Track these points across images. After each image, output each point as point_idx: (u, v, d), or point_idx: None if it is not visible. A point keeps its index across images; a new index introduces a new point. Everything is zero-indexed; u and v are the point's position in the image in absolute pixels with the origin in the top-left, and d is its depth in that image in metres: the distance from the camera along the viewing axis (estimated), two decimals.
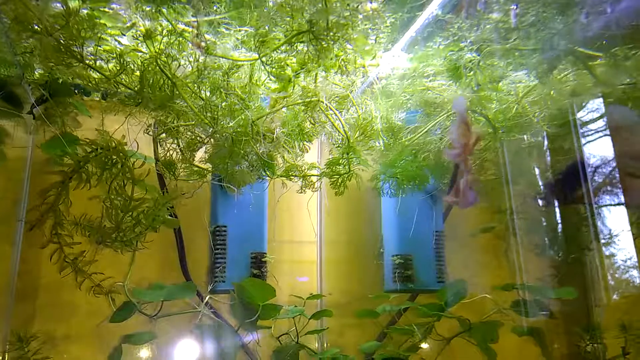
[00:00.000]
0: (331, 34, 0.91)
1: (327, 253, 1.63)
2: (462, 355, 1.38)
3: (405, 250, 1.50)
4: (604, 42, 0.85)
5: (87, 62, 1.16)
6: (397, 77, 1.26)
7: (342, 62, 1.07)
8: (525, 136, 1.32)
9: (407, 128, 1.24)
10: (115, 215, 1.20)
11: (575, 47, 0.89)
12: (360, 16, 0.91)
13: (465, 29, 0.98)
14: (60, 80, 1.14)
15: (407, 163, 1.23)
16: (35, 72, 1.21)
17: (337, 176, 1.26)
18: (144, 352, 1.36)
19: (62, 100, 1.27)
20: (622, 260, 1.37)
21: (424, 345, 1.34)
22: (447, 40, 1.05)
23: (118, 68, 1.13)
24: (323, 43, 0.94)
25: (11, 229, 1.32)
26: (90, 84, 1.21)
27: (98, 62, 1.19)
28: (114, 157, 1.20)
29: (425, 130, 1.19)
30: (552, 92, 1.09)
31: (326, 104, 1.14)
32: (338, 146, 1.20)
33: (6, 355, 1.22)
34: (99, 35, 1.13)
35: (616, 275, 1.39)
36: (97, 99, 1.35)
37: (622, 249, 1.38)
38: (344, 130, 1.15)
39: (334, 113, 1.16)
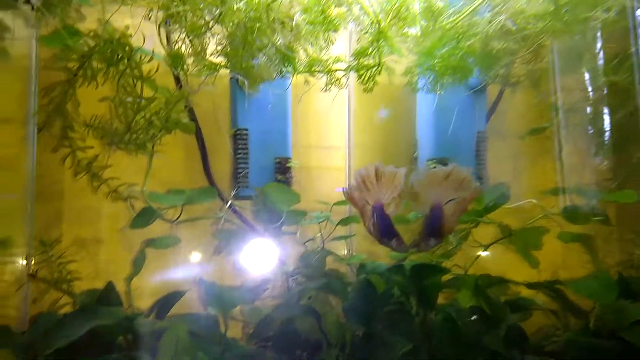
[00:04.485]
0: None
1: (356, 159, 1.53)
2: (503, 263, 1.30)
3: (441, 153, 1.38)
4: None
5: None
6: None
7: None
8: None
9: (450, 9, 1.05)
10: (125, 115, 1.12)
11: None
12: None
13: None
14: None
15: (448, 51, 1.06)
16: None
17: (366, 70, 1.11)
18: (169, 256, 1.34)
19: None
20: None
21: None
22: None
23: None
24: None
25: (21, 130, 1.26)
26: None
27: None
28: (119, 51, 1.09)
29: (473, 9, 1.00)
30: None
31: None
32: (366, 32, 1.04)
33: (31, 260, 1.21)
34: None
35: None
36: None
37: None
38: (374, 10, 0.98)
39: None
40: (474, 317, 1.09)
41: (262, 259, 1.24)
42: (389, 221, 0.95)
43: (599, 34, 1.15)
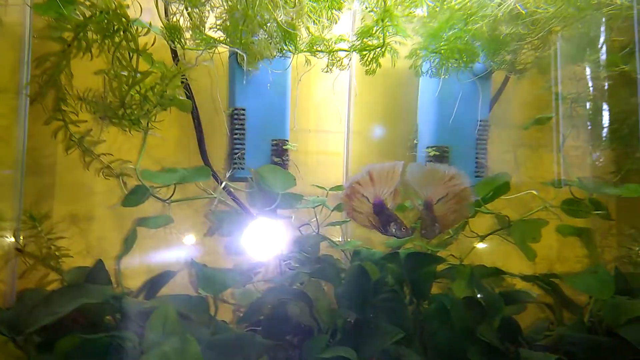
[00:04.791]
0: None
1: (355, 144, 1.50)
2: (497, 254, 1.29)
3: (441, 141, 1.35)
4: None
5: None
6: None
7: None
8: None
9: None
10: (119, 89, 1.09)
11: None
12: None
13: None
14: None
15: (455, 34, 1.03)
16: None
17: (369, 51, 1.07)
18: (161, 236, 1.32)
19: None
20: None
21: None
22: None
23: None
24: None
25: (13, 100, 1.22)
26: None
27: None
28: (115, 22, 1.05)
29: None
30: None
31: None
32: (371, 11, 1.00)
33: (20, 235, 1.19)
34: None
35: None
36: None
37: None
38: None
39: None
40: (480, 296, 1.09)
41: (255, 242, 1.22)
42: (390, 212, 0.98)
43: (608, 22, 1.11)
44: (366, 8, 1.03)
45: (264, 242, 1.21)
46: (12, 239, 1.19)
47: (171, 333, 0.88)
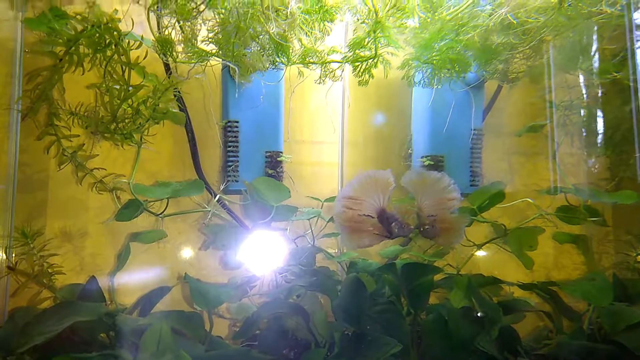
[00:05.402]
0: None
1: (350, 155, 1.50)
2: (494, 262, 1.28)
3: (436, 150, 1.35)
4: None
5: None
6: None
7: None
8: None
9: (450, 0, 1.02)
10: (111, 103, 1.08)
11: None
12: None
13: None
14: None
15: (447, 44, 1.03)
16: None
17: (361, 62, 1.07)
18: (155, 251, 1.31)
19: None
20: None
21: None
22: None
23: None
24: None
25: (4, 115, 1.21)
26: None
27: None
28: (107, 36, 1.05)
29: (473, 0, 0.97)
30: None
31: None
32: (363, 22, 1.00)
33: (11, 252, 1.17)
34: None
35: None
36: None
37: None
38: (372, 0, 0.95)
39: None
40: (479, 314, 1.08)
41: (250, 255, 1.21)
42: (390, 214, 1.00)
43: (599, 31, 1.12)
44: (358, 20, 1.03)
45: (259, 255, 1.20)
46: (4, 257, 1.17)
47: (165, 350, 0.86)
